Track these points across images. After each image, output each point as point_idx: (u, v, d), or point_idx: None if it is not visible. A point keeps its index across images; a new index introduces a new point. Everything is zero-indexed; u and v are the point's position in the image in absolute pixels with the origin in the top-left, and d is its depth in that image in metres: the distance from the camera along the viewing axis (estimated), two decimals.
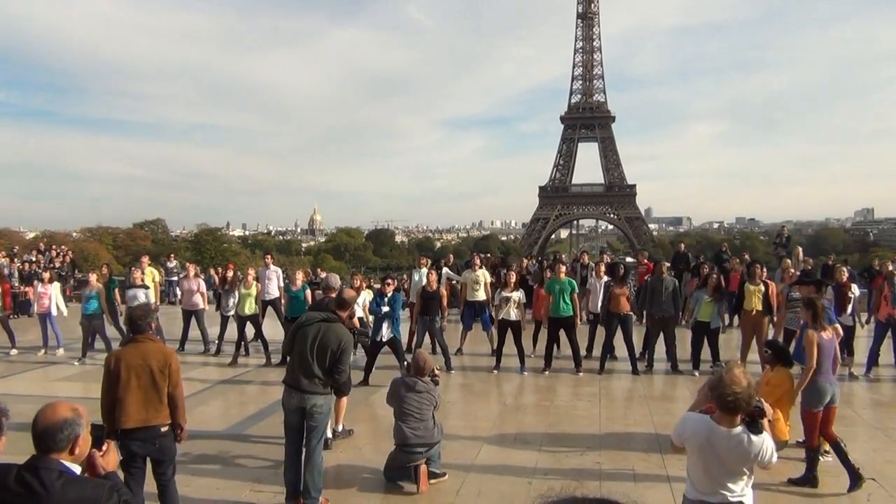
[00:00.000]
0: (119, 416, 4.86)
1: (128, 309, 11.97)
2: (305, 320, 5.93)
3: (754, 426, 3.53)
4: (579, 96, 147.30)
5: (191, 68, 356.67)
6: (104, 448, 3.01)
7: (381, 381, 10.38)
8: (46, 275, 13.92)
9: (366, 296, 10.99)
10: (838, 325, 7.25)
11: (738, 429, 3.50)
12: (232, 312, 12.56)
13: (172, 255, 24.16)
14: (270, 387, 10.28)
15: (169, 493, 5.15)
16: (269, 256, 14.86)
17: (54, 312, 13.32)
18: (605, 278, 11.98)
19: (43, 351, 13.13)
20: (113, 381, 4.95)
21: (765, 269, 11.60)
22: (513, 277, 11.50)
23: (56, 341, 13.14)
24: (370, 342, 10.22)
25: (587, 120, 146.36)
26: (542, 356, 11.45)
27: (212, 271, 18.57)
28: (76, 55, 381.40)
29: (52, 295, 13.30)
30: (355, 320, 9.34)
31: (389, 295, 10.41)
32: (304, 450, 5.77)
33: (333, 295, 7.98)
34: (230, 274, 13.08)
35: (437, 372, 6.75)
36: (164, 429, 5.00)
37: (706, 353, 11.04)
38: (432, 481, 6.33)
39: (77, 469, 2.74)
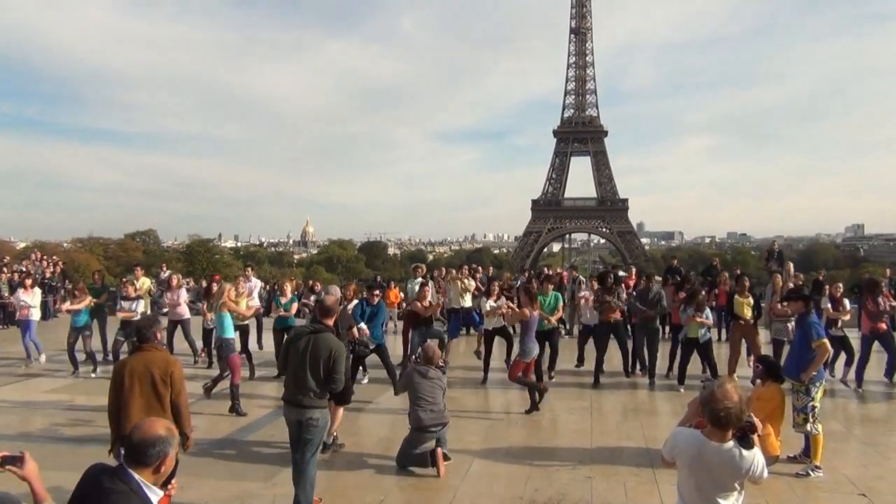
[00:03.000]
0: (123, 422, 4.98)
1: (135, 320, 11.91)
2: (295, 335, 5.97)
3: (745, 441, 3.52)
4: (572, 111, 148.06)
5: (185, 79, 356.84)
6: (170, 487, 3.11)
7: (371, 395, 10.37)
8: (28, 281, 13.77)
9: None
10: (826, 341, 7.22)
11: (730, 444, 3.49)
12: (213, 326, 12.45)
13: (164, 265, 24.06)
14: (260, 400, 10.24)
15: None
16: (248, 269, 14.87)
17: (35, 318, 13.18)
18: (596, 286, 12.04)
19: (24, 365, 12.89)
20: (118, 387, 5.12)
21: (749, 283, 11.77)
22: (496, 287, 11.59)
23: (36, 350, 12.95)
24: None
25: (580, 134, 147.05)
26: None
27: (203, 282, 18.48)
28: (71, 64, 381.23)
29: (31, 303, 13.13)
30: (354, 331, 9.27)
31: (375, 304, 10.44)
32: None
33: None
34: (215, 286, 13.03)
35: (443, 362, 7.66)
36: None
37: (695, 369, 11.07)
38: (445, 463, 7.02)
39: (156, 493, 2.80)
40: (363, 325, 10.03)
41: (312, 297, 15.19)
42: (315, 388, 5.68)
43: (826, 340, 7.22)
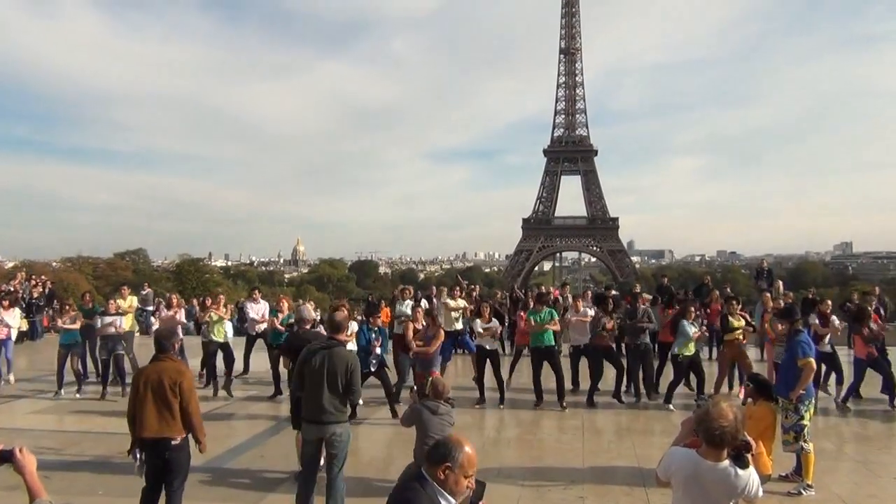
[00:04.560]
0: (137, 426, 5.42)
1: (155, 331, 11.83)
2: (307, 353, 6.00)
3: (740, 460, 3.51)
4: (562, 130, 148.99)
5: (177, 99, 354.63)
6: None
7: (365, 414, 10.31)
8: (6, 302, 13.62)
9: (354, 326, 11.03)
10: (812, 360, 7.25)
11: (725, 463, 3.48)
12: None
13: (147, 284, 23.86)
14: (249, 420, 10.15)
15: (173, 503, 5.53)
16: (256, 291, 14.79)
17: (12, 338, 13.01)
18: (592, 310, 12.01)
19: (5, 382, 12.71)
20: (134, 394, 5.54)
21: (739, 304, 11.79)
22: (487, 308, 11.56)
23: (7, 367, 12.73)
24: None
25: (570, 153, 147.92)
26: (521, 388, 11.38)
27: (193, 301, 18.39)
28: (62, 83, 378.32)
29: (10, 323, 12.97)
30: None
31: (377, 329, 10.53)
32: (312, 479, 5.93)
33: (308, 327, 7.99)
34: (209, 302, 12.99)
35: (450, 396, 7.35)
36: (175, 442, 5.42)
37: (682, 388, 11.08)
38: None
39: (449, 501, 2.97)
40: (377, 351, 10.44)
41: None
42: (335, 404, 5.79)
43: (812, 359, 7.25)
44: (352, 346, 10.41)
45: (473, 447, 3.09)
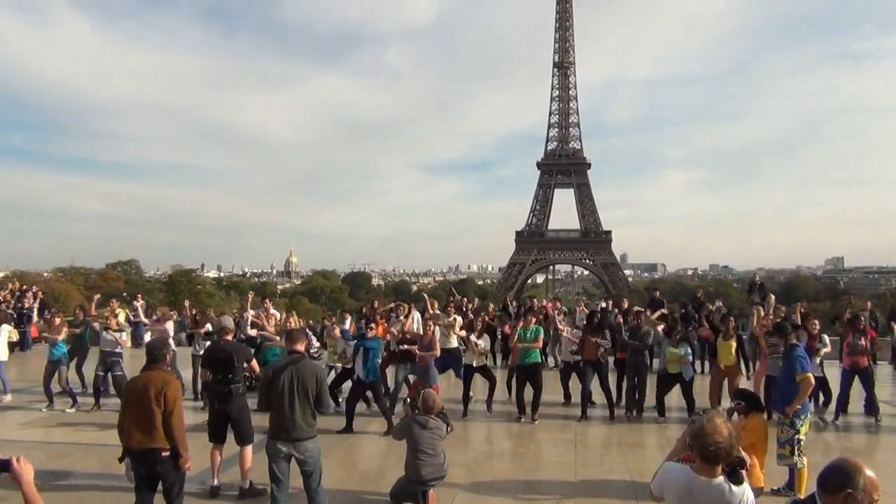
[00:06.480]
0: (124, 437, 5.36)
1: (147, 342, 11.76)
2: (274, 374, 5.86)
3: (735, 476, 3.49)
4: (556, 143, 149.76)
5: (171, 109, 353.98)
6: None
7: (360, 426, 10.24)
8: None
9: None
10: (810, 375, 7.26)
11: (719, 479, 3.45)
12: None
13: (140, 296, 23.70)
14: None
15: None
16: (267, 301, 14.75)
17: (3, 357, 12.66)
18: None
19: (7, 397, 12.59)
20: (123, 403, 5.57)
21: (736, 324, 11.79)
22: (479, 325, 11.54)
23: (3, 387, 12.51)
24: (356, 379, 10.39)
25: (563, 166, 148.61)
26: (514, 402, 11.37)
27: (185, 313, 18.26)
28: (56, 93, 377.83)
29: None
30: (254, 364, 8.35)
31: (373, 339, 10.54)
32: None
33: (229, 338, 7.86)
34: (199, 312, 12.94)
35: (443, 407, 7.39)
36: (164, 453, 5.32)
37: (675, 401, 11.05)
38: None
39: None
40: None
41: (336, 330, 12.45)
42: (307, 419, 5.74)
43: (810, 374, 7.25)
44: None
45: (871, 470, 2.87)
